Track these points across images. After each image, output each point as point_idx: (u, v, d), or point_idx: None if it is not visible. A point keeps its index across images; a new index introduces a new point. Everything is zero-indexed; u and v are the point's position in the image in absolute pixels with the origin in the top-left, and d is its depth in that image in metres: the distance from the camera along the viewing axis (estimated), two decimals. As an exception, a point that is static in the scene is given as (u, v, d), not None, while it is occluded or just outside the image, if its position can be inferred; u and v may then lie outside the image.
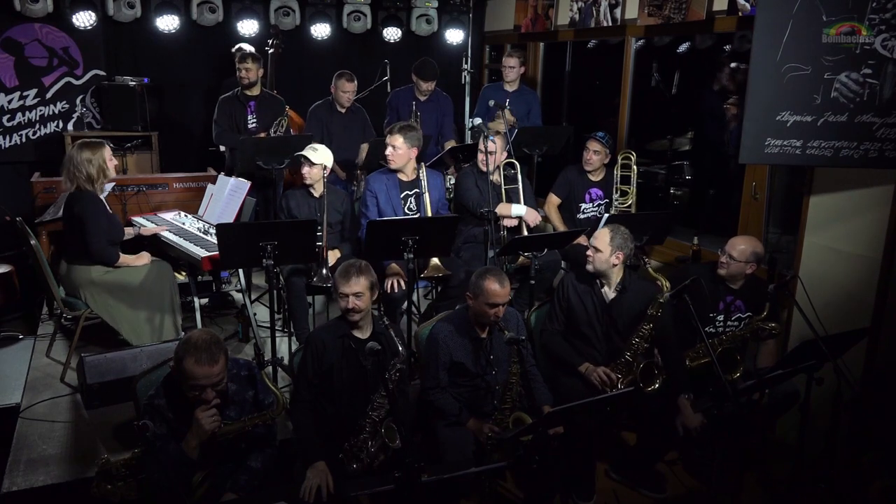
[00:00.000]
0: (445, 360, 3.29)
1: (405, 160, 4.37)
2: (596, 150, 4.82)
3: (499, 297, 3.20)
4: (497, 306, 3.21)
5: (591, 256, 3.55)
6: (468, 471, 2.74)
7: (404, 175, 4.43)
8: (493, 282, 3.19)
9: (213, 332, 2.68)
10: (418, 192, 4.43)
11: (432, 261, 4.19)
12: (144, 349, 3.93)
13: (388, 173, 4.44)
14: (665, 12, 5.03)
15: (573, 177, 4.97)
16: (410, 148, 4.35)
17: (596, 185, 4.95)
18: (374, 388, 3.03)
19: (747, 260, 3.63)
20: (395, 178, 4.42)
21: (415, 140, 4.36)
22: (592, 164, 4.87)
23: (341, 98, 5.55)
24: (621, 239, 3.50)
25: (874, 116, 3.36)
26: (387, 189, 4.39)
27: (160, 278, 4.26)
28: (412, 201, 4.44)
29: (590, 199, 4.95)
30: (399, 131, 4.33)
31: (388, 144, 4.34)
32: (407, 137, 4.32)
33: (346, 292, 3.03)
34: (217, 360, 2.56)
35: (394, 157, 4.35)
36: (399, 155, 4.34)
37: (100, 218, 4.03)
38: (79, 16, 5.82)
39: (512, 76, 5.82)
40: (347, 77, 5.54)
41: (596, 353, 3.59)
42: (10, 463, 3.37)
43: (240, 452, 2.79)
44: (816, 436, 3.36)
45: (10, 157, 6.12)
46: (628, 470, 3.61)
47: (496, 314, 3.22)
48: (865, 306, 3.66)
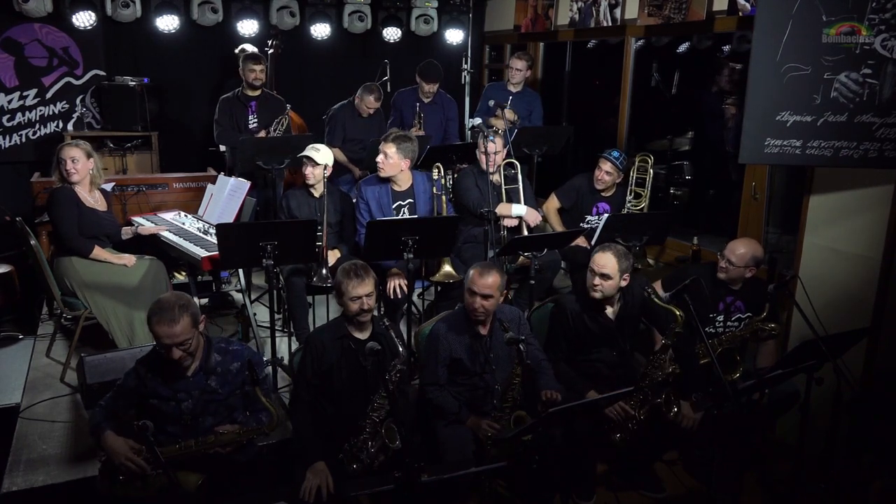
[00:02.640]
0: (444, 356, 3.29)
1: (396, 170, 4.29)
2: (608, 172, 4.73)
3: (476, 285, 3.17)
4: (476, 295, 3.18)
5: (600, 285, 3.39)
6: (468, 471, 2.74)
7: (397, 185, 4.37)
8: (477, 272, 3.19)
9: (183, 295, 2.81)
10: (412, 201, 4.40)
11: (444, 268, 4.14)
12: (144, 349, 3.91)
13: (381, 182, 4.39)
14: (665, 12, 5.04)
15: (584, 188, 4.88)
16: (403, 159, 4.27)
17: (605, 200, 4.87)
18: (374, 389, 3.03)
19: (746, 265, 3.63)
20: (387, 187, 4.37)
21: (408, 151, 4.29)
22: (603, 184, 4.78)
23: (363, 111, 5.58)
24: (626, 260, 3.43)
25: (874, 116, 3.36)
26: (378, 198, 4.35)
27: (157, 278, 4.25)
28: (405, 211, 4.40)
29: (596, 213, 4.88)
30: (394, 140, 4.27)
31: (381, 151, 4.29)
32: (400, 148, 4.25)
33: (359, 294, 3.03)
34: (176, 321, 2.66)
35: (384, 165, 4.28)
36: (390, 164, 4.26)
37: (68, 208, 4.11)
38: (79, 16, 5.82)
39: (518, 78, 5.81)
40: (376, 96, 5.52)
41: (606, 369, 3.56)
42: (10, 463, 3.37)
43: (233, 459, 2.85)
44: (816, 436, 3.36)
45: (10, 157, 6.12)
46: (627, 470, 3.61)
47: (482, 307, 3.20)
48: (865, 306, 3.66)
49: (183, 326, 2.68)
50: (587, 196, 4.88)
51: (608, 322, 3.53)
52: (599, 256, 3.42)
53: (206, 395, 2.82)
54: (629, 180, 4.90)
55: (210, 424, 2.83)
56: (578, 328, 3.53)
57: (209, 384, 2.83)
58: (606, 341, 3.55)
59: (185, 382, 2.80)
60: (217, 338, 2.97)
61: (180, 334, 2.68)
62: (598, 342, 3.55)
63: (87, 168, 4.19)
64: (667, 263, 5.16)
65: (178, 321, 2.67)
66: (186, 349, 2.72)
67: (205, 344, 2.86)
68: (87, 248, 4.16)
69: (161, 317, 2.67)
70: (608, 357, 3.57)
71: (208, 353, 2.85)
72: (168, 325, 2.66)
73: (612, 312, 3.55)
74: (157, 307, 2.71)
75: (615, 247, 3.48)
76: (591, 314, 3.52)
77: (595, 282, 3.41)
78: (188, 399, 2.80)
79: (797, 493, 3.28)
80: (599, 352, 3.56)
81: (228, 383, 2.86)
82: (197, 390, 2.81)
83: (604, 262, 3.39)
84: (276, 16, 6.42)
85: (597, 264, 3.41)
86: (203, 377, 2.82)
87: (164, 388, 2.79)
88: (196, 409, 2.81)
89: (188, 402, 2.80)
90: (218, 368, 2.85)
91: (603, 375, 3.55)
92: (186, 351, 2.73)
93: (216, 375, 2.85)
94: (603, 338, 3.54)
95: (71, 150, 4.16)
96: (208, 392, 2.82)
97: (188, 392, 2.80)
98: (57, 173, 4.18)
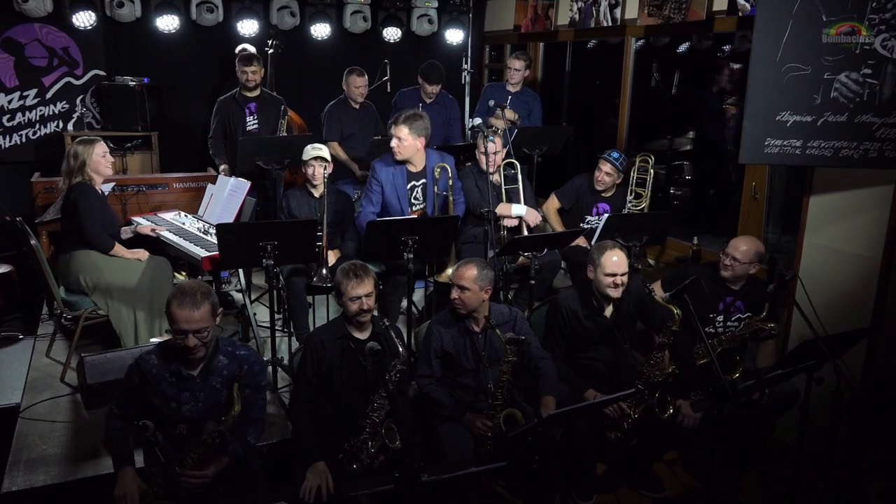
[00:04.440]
0: (437, 347, 3.33)
1: (412, 151, 4.23)
2: (608, 173, 4.72)
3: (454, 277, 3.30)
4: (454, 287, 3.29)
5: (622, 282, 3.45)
6: (468, 471, 2.73)
7: (413, 165, 4.31)
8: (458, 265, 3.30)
9: (204, 283, 2.79)
10: (425, 181, 4.35)
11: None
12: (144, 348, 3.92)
13: (397, 163, 4.30)
14: (665, 12, 5.03)
15: (584, 189, 4.88)
16: (417, 138, 4.21)
17: (605, 200, 4.87)
18: (374, 389, 3.03)
19: (751, 261, 3.64)
20: (403, 168, 4.30)
21: (421, 129, 4.22)
22: (603, 185, 4.77)
23: (354, 94, 5.59)
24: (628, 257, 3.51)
25: (874, 116, 3.36)
26: (393, 179, 4.28)
27: (159, 277, 4.26)
28: (419, 192, 4.36)
29: (596, 213, 4.88)
30: (404, 122, 4.18)
31: (394, 136, 4.21)
32: (413, 128, 4.18)
33: (358, 294, 3.03)
34: (198, 306, 2.65)
35: (400, 149, 4.21)
36: (405, 146, 4.20)
37: (94, 204, 4.10)
38: (79, 16, 5.82)
39: (517, 78, 5.82)
40: (357, 72, 5.56)
41: (603, 367, 3.58)
42: (10, 463, 3.36)
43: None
44: (816, 436, 3.36)
45: (10, 157, 6.11)
46: (627, 470, 3.61)
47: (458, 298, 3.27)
48: (865, 306, 3.66)
49: (203, 313, 2.66)
50: (587, 196, 4.87)
51: (605, 321, 3.54)
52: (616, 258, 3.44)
53: (210, 397, 2.78)
54: (629, 181, 4.90)
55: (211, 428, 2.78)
56: (574, 325, 3.55)
57: (213, 385, 2.79)
58: (604, 340, 3.56)
59: (192, 382, 2.76)
60: (224, 339, 2.93)
61: (200, 320, 2.65)
62: (596, 341, 3.56)
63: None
64: (667, 263, 5.16)
65: (200, 306, 2.65)
66: (203, 338, 2.69)
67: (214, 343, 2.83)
68: (110, 244, 4.17)
69: (183, 300, 2.64)
70: (606, 356, 3.58)
71: (215, 353, 2.81)
72: (190, 309, 2.64)
73: (609, 311, 3.56)
74: (178, 291, 2.69)
75: (616, 245, 3.52)
76: (587, 312, 3.54)
77: (618, 281, 3.45)
78: (191, 402, 2.76)
79: (797, 493, 3.28)
80: (597, 350, 3.58)
81: (228, 384, 2.81)
82: (202, 392, 2.77)
83: (620, 262, 3.44)
84: (276, 16, 6.42)
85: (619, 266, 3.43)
86: (208, 378, 2.79)
87: (170, 388, 2.75)
88: (197, 411, 2.77)
89: (189, 405, 2.76)
90: (224, 371, 2.81)
91: (601, 374, 3.56)
92: (202, 340, 2.70)
93: (221, 378, 2.81)
94: (600, 336, 3.56)
95: (103, 146, 4.17)
96: (212, 394, 2.79)
97: (193, 393, 2.76)
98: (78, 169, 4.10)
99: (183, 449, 2.71)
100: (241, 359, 2.86)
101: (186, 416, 2.76)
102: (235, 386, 2.74)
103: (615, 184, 4.82)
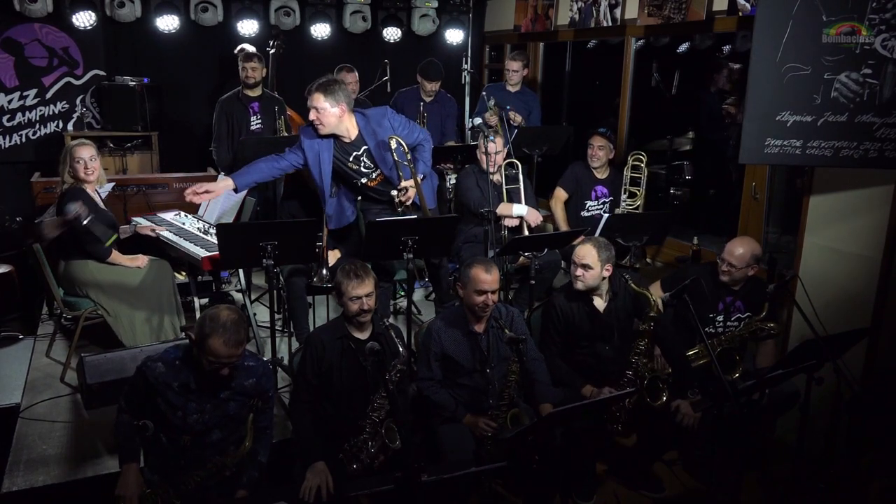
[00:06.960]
0: (437, 351, 3.31)
1: (335, 121, 3.80)
2: (600, 146, 4.86)
3: (486, 283, 3.19)
4: (484, 293, 3.20)
5: (582, 275, 3.50)
6: (468, 471, 2.74)
7: (344, 137, 3.88)
8: (482, 269, 3.21)
9: (237, 310, 2.71)
10: (366, 147, 3.95)
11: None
12: (144, 349, 3.92)
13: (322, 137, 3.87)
14: (665, 12, 5.03)
15: (580, 172, 4.99)
16: (337, 105, 3.77)
17: (601, 182, 4.96)
18: (374, 389, 3.03)
19: (748, 264, 3.64)
20: (329, 142, 3.87)
21: (340, 96, 3.77)
22: (599, 160, 4.89)
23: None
24: (606, 251, 3.51)
25: (874, 116, 3.35)
26: (318, 152, 3.88)
27: (159, 278, 4.26)
28: (364, 160, 3.99)
29: (595, 197, 4.96)
30: (317, 89, 3.74)
31: (311, 108, 3.79)
32: (328, 94, 3.74)
33: (359, 294, 3.02)
34: (242, 343, 2.65)
35: (321, 121, 3.76)
36: (327, 117, 3.77)
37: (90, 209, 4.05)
38: (79, 16, 5.82)
39: (515, 79, 5.84)
40: (347, 69, 5.57)
41: (597, 363, 3.58)
42: (10, 463, 3.36)
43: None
44: (816, 436, 3.36)
45: (10, 157, 6.11)
46: (627, 470, 3.61)
47: (489, 302, 3.22)
48: (865, 306, 3.66)
49: (243, 347, 2.65)
50: (585, 180, 4.97)
51: (598, 315, 3.56)
52: (580, 248, 3.53)
53: (217, 408, 2.75)
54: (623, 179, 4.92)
55: (217, 439, 2.77)
56: (568, 320, 3.57)
57: (220, 396, 2.76)
58: (599, 335, 3.57)
59: (199, 394, 2.73)
60: None
61: (240, 354, 2.66)
62: (591, 336, 3.58)
63: (99, 167, 4.19)
64: (667, 263, 5.16)
65: (244, 342, 2.63)
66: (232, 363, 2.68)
67: None
68: (107, 252, 4.12)
69: (228, 338, 2.58)
70: (602, 351, 3.59)
71: None
72: (235, 346, 2.61)
73: (601, 305, 3.57)
74: (219, 326, 2.58)
75: (595, 238, 3.59)
76: (579, 305, 3.57)
77: (577, 273, 3.52)
78: (197, 412, 2.72)
79: (797, 493, 3.28)
80: (592, 346, 3.59)
81: (239, 398, 2.80)
82: (209, 403, 2.74)
83: (584, 252, 3.50)
84: (276, 16, 6.42)
85: (577, 256, 3.52)
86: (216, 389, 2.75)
87: (176, 397, 2.71)
88: (204, 422, 2.73)
89: (196, 416, 2.72)
90: (232, 383, 2.78)
91: (597, 370, 3.56)
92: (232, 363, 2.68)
93: (229, 389, 2.78)
94: (595, 332, 3.57)
95: (87, 149, 4.12)
96: (219, 405, 2.76)
97: (199, 403, 2.72)
98: (70, 172, 4.10)
99: (185, 462, 2.70)
100: (250, 370, 2.83)
101: (192, 425, 2.72)
102: (250, 418, 2.73)
103: (608, 160, 4.92)
